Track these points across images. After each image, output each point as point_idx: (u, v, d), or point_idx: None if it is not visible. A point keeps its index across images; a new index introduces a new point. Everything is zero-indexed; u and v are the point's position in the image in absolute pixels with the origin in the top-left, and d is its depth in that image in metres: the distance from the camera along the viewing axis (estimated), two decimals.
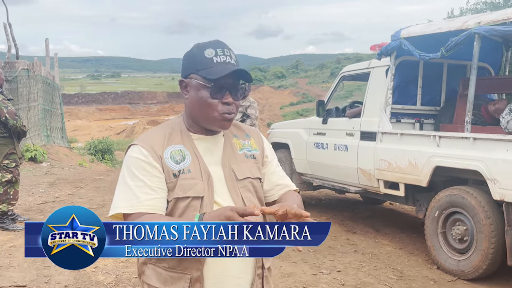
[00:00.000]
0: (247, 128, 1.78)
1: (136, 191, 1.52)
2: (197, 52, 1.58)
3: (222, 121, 1.58)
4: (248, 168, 1.66)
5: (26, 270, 4.41)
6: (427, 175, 4.89)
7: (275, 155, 1.83)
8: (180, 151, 1.59)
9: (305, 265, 4.80)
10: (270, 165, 1.77)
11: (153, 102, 73.36)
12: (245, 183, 1.63)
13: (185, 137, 1.63)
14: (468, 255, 4.51)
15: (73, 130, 36.85)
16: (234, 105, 1.59)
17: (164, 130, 1.65)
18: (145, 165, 1.55)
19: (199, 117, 1.60)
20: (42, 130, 13.44)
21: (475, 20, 4.66)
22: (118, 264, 4.60)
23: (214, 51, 1.56)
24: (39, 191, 8.00)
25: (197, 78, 1.56)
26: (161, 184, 1.55)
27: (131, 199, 1.52)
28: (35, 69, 13.14)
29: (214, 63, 1.54)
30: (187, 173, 1.55)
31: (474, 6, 13.09)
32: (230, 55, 1.57)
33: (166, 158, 1.56)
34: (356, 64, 6.87)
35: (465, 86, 5.40)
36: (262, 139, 1.79)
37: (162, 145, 1.58)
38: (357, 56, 79.17)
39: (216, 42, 1.60)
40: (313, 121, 6.89)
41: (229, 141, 1.68)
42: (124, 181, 1.56)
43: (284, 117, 43.24)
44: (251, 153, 1.70)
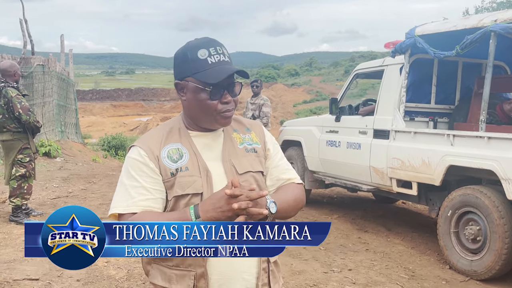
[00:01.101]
0: (248, 122, 1.78)
1: (131, 191, 1.54)
2: (190, 53, 1.57)
3: (222, 119, 1.59)
4: (249, 162, 1.65)
5: (39, 263, 4.45)
6: (440, 174, 4.85)
7: (278, 148, 1.79)
8: (177, 149, 1.60)
9: (316, 263, 4.79)
10: (273, 158, 1.74)
11: (166, 99, 73.63)
12: (246, 177, 1.61)
13: (183, 135, 1.64)
14: (481, 255, 4.46)
15: (87, 126, 37.15)
16: (233, 102, 1.60)
17: (162, 129, 1.67)
18: (142, 166, 1.56)
19: (198, 117, 1.61)
20: (56, 126, 13.57)
21: (491, 18, 4.59)
22: (129, 259, 4.62)
23: (207, 51, 1.55)
24: (53, 186, 8.08)
25: (194, 81, 1.55)
26: (157, 185, 1.56)
27: (126, 199, 1.54)
28: (50, 65, 13.27)
29: (209, 65, 1.54)
30: (185, 171, 1.56)
31: (490, 5, 12.94)
32: (223, 52, 1.57)
33: (163, 157, 1.57)
34: (370, 62, 6.82)
35: (480, 84, 5.33)
36: (264, 132, 1.77)
37: (159, 145, 1.60)
38: (372, 54, 78.64)
39: (207, 40, 1.59)
40: (326, 119, 6.86)
41: (229, 136, 1.68)
42: (122, 181, 1.59)
43: (297, 115, 43.14)
44: (251, 146, 1.69)
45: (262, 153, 1.71)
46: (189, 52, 1.57)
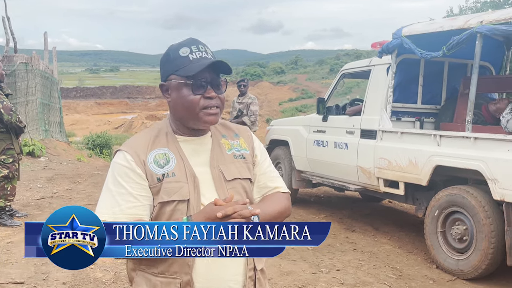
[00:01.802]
0: (236, 128, 1.76)
1: (118, 198, 1.52)
2: (172, 53, 1.57)
3: (206, 115, 1.55)
4: (237, 168, 1.63)
5: (24, 266, 4.39)
6: (427, 174, 4.88)
7: (266, 155, 1.78)
8: (164, 154, 1.57)
9: (304, 263, 4.79)
10: (260, 165, 1.72)
11: (151, 96, 73.22)
12: (234, 184, 1.60)
13: (170, 140, 1.61)
14: (468, 255, 4.50)
15: (71, 124, 36.77)
16: (218, 99, 1.57)
17: (149, 133, 1.64)
18: (128, 172, 1.54)
19: (183, 116, 1.59)
20: (40, 125, 13.40)
21: (477, 19, 4.63)
22: (116, 261, 4.58)
23: (189, 49, 1.55)
24: (37, 186, 7.98)
25: (176, 78, 1.55)
26: (144, 191, 1.54)
27: (113, 206, 1.51)
28: (34, 63, 13.10)
29: (191, 61, 1.53)
30: (172, 177, 1.54)
31: (474, 5, 13.06)
32: (205, 50, 1.56)
33: (149, 162, 1.55)
34: (357, 62, 6.84)
35: (466, 85, 5.38)
36: (252, 138, 1.75)
37: (146, 150, 1.57)
38: (357, 52, 79.00)
39: (190, 40, 1.59)
40: (313, 119, 6.87)
41: (217, 142, 1.66)
42: (107, 187, 1.56)
43: (283, 113, 43.19)
44: (240, 153, 1.67)
45: (250, 159, 1.69)
46: (171, 53, 1.58)
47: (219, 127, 1.71)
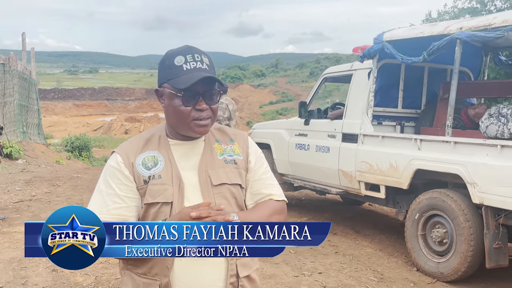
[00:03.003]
0: (233, 133, 1.75)
1: (106, 198, 1.57)
2: (167, 60, 1.57)
3: (196, 127, 1.57)
4: (226, 173, 1.63)
5: (2, 271, 4.32)
6: (408, 177, 4.94)
7: (263, 161, 1.75)
8: (153, 157, 1.60)
9: (286, 266, 4.80)
10: (254, 172, 1.70)
11: (131, 98, 72.68)
12: (220, 189, 1.60)
13: (162, 143, 1.63)
14: (448, 258, 4.56)
15: (49, 126, 36.28)
16: (210, 110, 1.57)
17: (143, 136, 1.67)
18: (117, 173, 1.58)
19: (175, 124, 1.60)
20: (18, 126, 13.19)
21: (457, 26, 4.71)
22: (97, 266, 4.53)
23: (184, 58, 1.55)
24: (15, 189, 7.85)
25: (169, 87, 1.56)
26: (131, 192, 1.57)
27: (100, 206, 1.55)
28: (11, 64, 12.89)
29: (184, 71, 1.53)
30: (157, 179, 1.56)
31: (452, 10, 13.26)
32: (201, 60, 1.56)
33: (137, 164, 1.58)
34: (339, 66, 6.89)
35: (446, 90, 5.46)
36: (249, 144, 1.74)
37: (136, 152, 1.61)
38: (337, 56, 79.65)
39: (186, 48, 1.58)
40: (295, 122, 6.89)
41: (210, 146, 1.66)
42: (99, 187, 1.61)
43: (264, 116, 43.30)
44: (232, 158, 1.67)
45: (243, 165, 1.68)
46: (167, 60, 1.57)
47: (215, 131, 1.71)
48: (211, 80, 1.55)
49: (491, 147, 4.24)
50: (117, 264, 4.58)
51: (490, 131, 4.81)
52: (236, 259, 1.57)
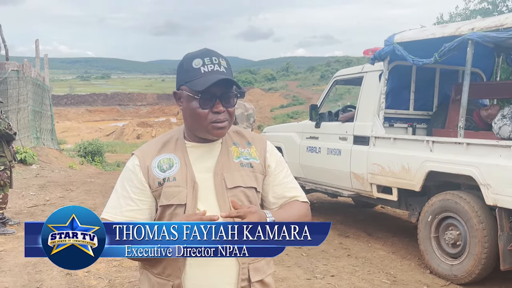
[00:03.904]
0: (251, 136, 1.75)
1: (121, 200, 1.60)
2: (186, 63, 1.58)
3: (213, 129, 1.57)
4: (242, 176, 1.63)
5: (17, 275, 4.37)
6: (420, 179, 4.91)
7: (284, 165, 1.75)
8: (169, 159, 1.61)
9: (298, 269, 4.80)
10: (275, 176, 1.70)
11: (143, 103, 73.13)
12: (235, 192, 1.60)
13: (179, 145, 1.64)
14: (461, 260, 4.53)
15: (62, 132, 36.60)
16: (227, 113, 1.57)
17: (162, 139, 1.69)
18: (132, 176, 1.62)
19: (192, 127, 1.61)
20: (31, 132, 13.34)
21: (468, 26, 4.69)
22: (110, 269, 4.57)
23: (201, 61, 1.55)
24: (30, 194, 7.93)
25: (186, 89, 1.57)
26: (143, 196, 1.59)
27: (115, 207, 1.60)
28: (25, 71, 13.06)
29: (201, 73, 1.54)
30: (172, 181, 1.57)
31: (464, 11, 13.17)
32: (218, 63, 1.56)
33: (153, 167, 1.60)
34: (349, 69, 6.88)
35: (457, 91, 5.43)
36: (266, 148, 1.73)
37: (153, 155, 1.63)
38: (347, 59, 79.41)
39: (204, 51, 1.59)
40: (306, 125, 6.89)
41: (226, 149, 1.66)
42: (116, 188, 1.65)
43: (275, 120, 43.27)
44: (248, 161, 1.66)
45: (260, 168, 1.68)
46: (185, 62, 1.58)
47: (233, 134, 1.71)
48: (228, 83, 1.56)
49: (504, 148, 4.21)
50: (130, 267, 4.62)
51: (503, 132, 4.77)
52: (249, 263, 1.57)
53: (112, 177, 10.66)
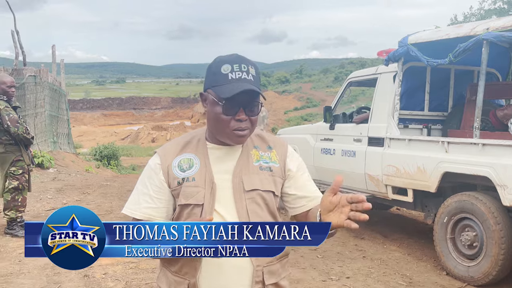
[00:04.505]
0: (272, 140, 1.75)
1: (140, 197, 1.65)
2: (215, 67, 1.58)
3: (234, 137, 1.58)
4: (260, 180, 1.63)
5: (36, 277, 4.43)
6: (436, 181, 4.89)
7: (304, 169, 1.76)
8: (189, 159, 1.63)
9: (314, 271, 4.80)
10: (296, 179, 1.71)
11: (157, 107, 73.63)
12: (252, 195, 1.60)
13: (200, 146, 1.66)
14: (478, 261, 4.50)
15: (78, 136, 36.97)
16: (249, 121, 1.58)
17: (184, 138, 1.72)
18: (153, 174, 1.65)
19: (214, 130, 1.63)
20: (48, 136, 13.51)
21: (483, 26, 4.66)
22: (127, 271, 4.61)
23: (230, 67, 1.55)
24: (47, 197, 8.03)
25: (212, 93, 1.57)
26: (161, 194, 1.62)
27: (134, 203, 1.65)
28: (42, 76, 13.23)
29: (229, 80, 1.54)
30: (191, 181, 1.59)
31: (478, 12, 13.08)
32: (247, 70, 1.56)
33: (173, 166, 1.63)
34: (363, 70, 6.87)
35: (473, 91, 5.40)
36: (287, 152, 1.73)
37: (175, 154, 1.65)
38: (361, 60, 79.05)
39: (235, 57, 1.59)
40: (320, 127, 6.90)
41: (247, 152, 1.67)
42: (137, 185, 1.69)
43: (289, 122, 43.25)
44: (267, 165, 1.66)
45: (279, 173, 1.68)
46: (215, 66, 1.59)
47: (254, 137, 1.71)
48: (254, 92, 1.56)
49: None
50: (146, 269, 4.66)
51: None
52: (263, 266, 1.58)
53: (128, 180, 10.75)
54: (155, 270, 4.60)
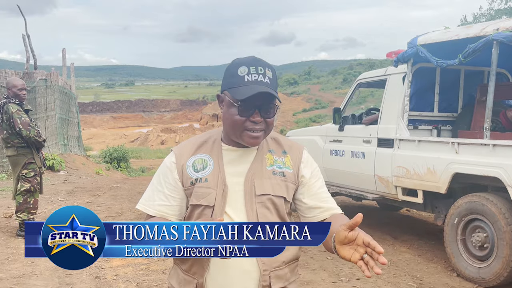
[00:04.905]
0: (289, 145, 1.74)
1: (154, 193, 1.67)
2: (232, 68, 1.60)
3: (248, 138, 1.58)
4: (272, 185, 1.63)
5: (48, 278, 4.47)
6: (446, 182, 4.88)
7: (319, 176, 1.74)
8: (203, 160, 1.65)
9: (324, 272, 4.80)
10: (308, 186, 1.69)
11: (166, 109, 73.89)
12: (262, 199, 1.60)
13: (215, 147, 1.67)
14: (489, 263, 4.47)
15: (88, 138, 37.20)
16: (264, 123, 1.58)
17: (200, 138, 1.73)
18: (167, 172, 1.66)
19: (229, 131, 1.63)
20: (59, 139, 13.62)
21: (493, 27, 4.65)
22: (138, 272, 4.65)
23: (247, 69, 1.56)
24: (58, 199, 8.10)
25: (228, 95, 1.58)
26: (175, 193, 1.64)
27: (149, 199, 1.68)
28: (53, 79, 13.34)
29: (245, 82, 1.55)
30: (204, 182, 1.61)
31: (488, 12, 13.00)
32: (263, 73, 1.57)
33: (188, 166, 1.64)
34: (373, 71, 6.87)
35: (483, 92, 5.38)
36: (302, 158, 1.72)
37: (190, 153, 1.66)
38: (370, 61, 78.80)
39: (252, 60, 1.60)
40: (329, 129, 6.90)
41: (261, 156, 1.67)
42: (152, 181, 1.71)
43: (297, 124, 43.21)
44: (281, 170, 1.66)
45: (292, 178, 1.67)
46: (232, 68, 1.60)
47: (270, 141, 1.71)
48: (270, 95, 1.56)
49: None
50: (157, 271, 4.69)
51: None
52: (270, 271, 1.58)
53: (138, 183, 10.81)
54: (166, 272, 4.63)
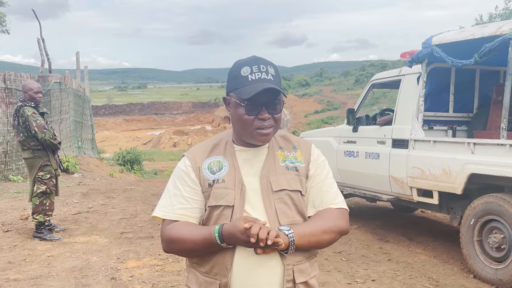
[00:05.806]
0: (297, 141, 1.78)
1: (172, 199, 1.67)
2: (235, 70, 1.63)
3: (258, 136, 1.61)
4: (287, 180, 1.66)
5: (64, 279, 4.51)
6: (462, 182, 4.83)
7: (323, 169, 1.75)
8: (218, 162, 1.67)
9: (339, 274, 4.78)
10: (313, 179, 1.72)
11: (178, 112, 74.21)
12: (280, 195, 1.63)
13: (228, 148, 1.70)
14: (506, 264, 4.42)
15: (101, 141, 37.46)
16: (272, 119, 1.61)
17: (212, 141, 1.75)
18: (184, 176, 1.67)
19: (239, 132, 1.66)
20: (73, 142, 13.74)
21: (509, 26, 4.59)
22: (153, 273, 4.67)
23: (250, 69, 1.59)
24: (73, 201, 8.17)
25: (235, 97, 1.61)
26: (195, 195, 1.65)
27: (167, 205, 1.67)
28: (67, 82, 13.47)
29: (249, 81, 1.57)
30: (221, 183, 1.62)
31: (504, 12, 12.86)
32: (266, 70, 1.59)
33: (203, 168, 1.66)
34: (387, 72, 6.83)
35: (499, 92, 5.32)
36: (311, 152, 1.75)
37: (204, 156, 1.69)
38: (382, 62, 78.47)
39: (253, 59, 1.63)
40: (343, 130, 6.88)
41: (273, 153, 1.70)
42: (168, 188, 1.71)
43: (309, 125, 43.17)
44: (293, 165, 1.69)
45: (304, 172, 1.70)
46: (234, 70, 1.63)
47: (279, 138, 1.75)
48: (275, 90, 1.59)
49: None
50: (172, 272, 4.71)
51: None
52: (293, 265, 1.60)
53: (152, 185, 10.86)
54: (181, 273, 4.64)
